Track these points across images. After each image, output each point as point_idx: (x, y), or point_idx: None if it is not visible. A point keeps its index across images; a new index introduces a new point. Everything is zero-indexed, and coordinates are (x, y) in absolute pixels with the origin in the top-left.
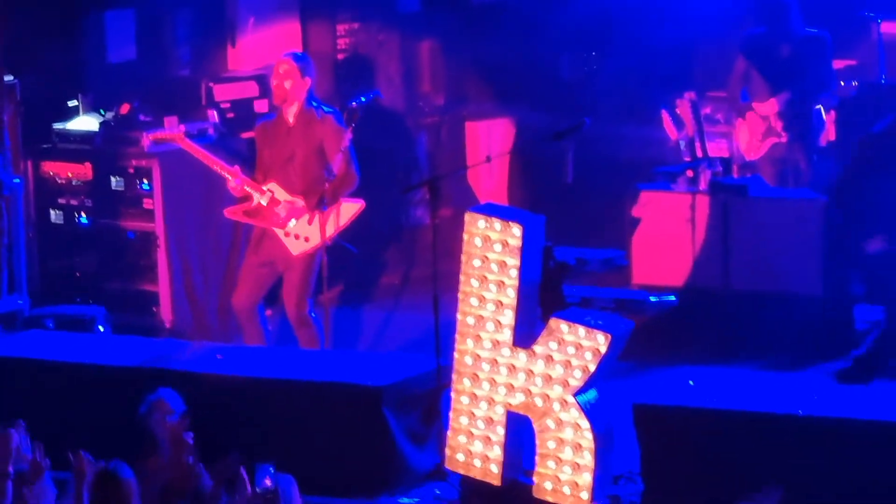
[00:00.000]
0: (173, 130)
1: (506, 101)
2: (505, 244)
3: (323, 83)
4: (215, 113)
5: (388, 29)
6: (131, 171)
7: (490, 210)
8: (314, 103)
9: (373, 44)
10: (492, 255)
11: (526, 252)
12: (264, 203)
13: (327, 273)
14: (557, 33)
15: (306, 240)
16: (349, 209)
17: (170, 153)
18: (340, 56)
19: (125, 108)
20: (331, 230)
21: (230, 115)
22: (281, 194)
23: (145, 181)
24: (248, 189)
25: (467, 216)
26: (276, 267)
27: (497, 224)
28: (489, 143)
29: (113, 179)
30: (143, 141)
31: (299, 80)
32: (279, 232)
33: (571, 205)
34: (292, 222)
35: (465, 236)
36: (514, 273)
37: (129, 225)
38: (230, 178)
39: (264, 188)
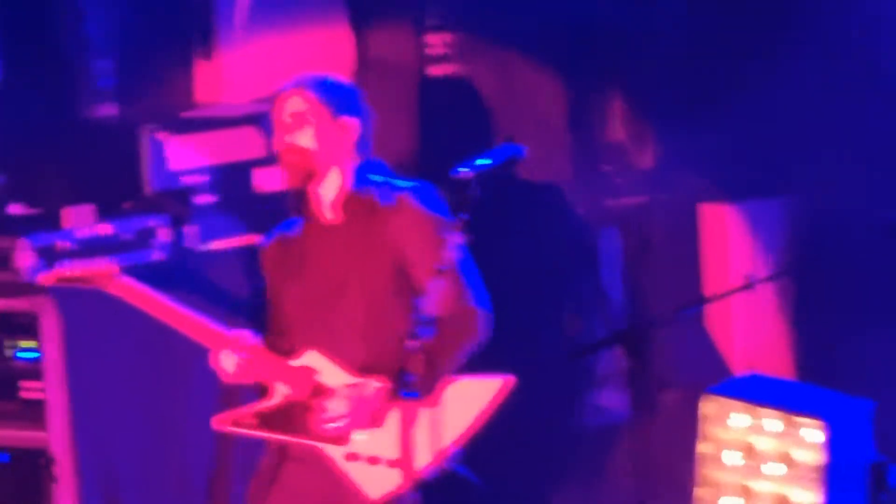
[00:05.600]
0: (85, 259)
1: (785, 163)
2: (787, 461)
3: (398, 132)
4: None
5: (529, 31)
6: None
7: (754, 389)
8: (375, 178)
9: (502, 52)
10: (760, 483)
11: (833, 477)
12: (298, 397)
13: None
14: None
15: (391, 465)
16: (478, 394)
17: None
18: (433, 73)
19: None
20: (440, 443)
21: (201, 197)
22: (331, 374)
23: (26, 343)
24: (258, 368)
25: (703, 403)
26: None
27: (769, 420)
28: (751, 248)
29: None
30: (18, 261)
31: (328, 126)
32: (334, 454)
33: None
34: (359, 433)
35: (703, 447)
36: None
37: None
38: (220, 347)
39: (293, 363)
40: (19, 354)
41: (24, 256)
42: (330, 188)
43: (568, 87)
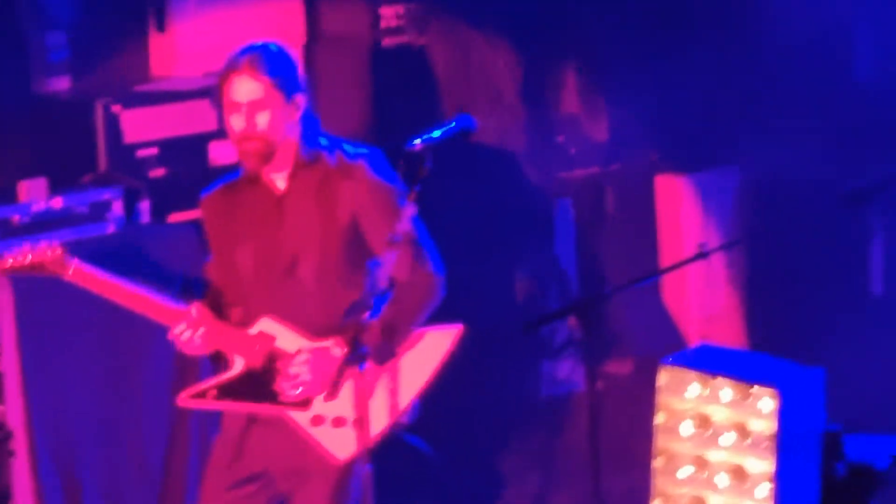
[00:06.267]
0: (35, 245)
1: (738, 134)
2: (741, 430)
3: (351, 104)
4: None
5: (482, 2)
6: None
7: (706, 360)
8: (322, 142)
9: (456, 25)
10: (716, 453)
11: (784, 444)
12: (257, 364)
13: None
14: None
15: (355, 426)
16: (431, 346)
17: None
18: (386, 44)
19: None
20: (407, 395)
21: (156, 170)
22: (287, 340)
23: None
24: (216, 340)
25: (662, 373)
26: (273, 485)
27: (726, 391)
28: (705, 219)
29: None
30: None
31: (283, 109)
32: (299, 419)
33: (878, 339)
34: (320, 396)
35: (660, 416)
36: (764, 488)
37: None
38: (176, 322)
39: (250, 332)
40: None
41: None
42: (281, 158)
43: (522, 58)
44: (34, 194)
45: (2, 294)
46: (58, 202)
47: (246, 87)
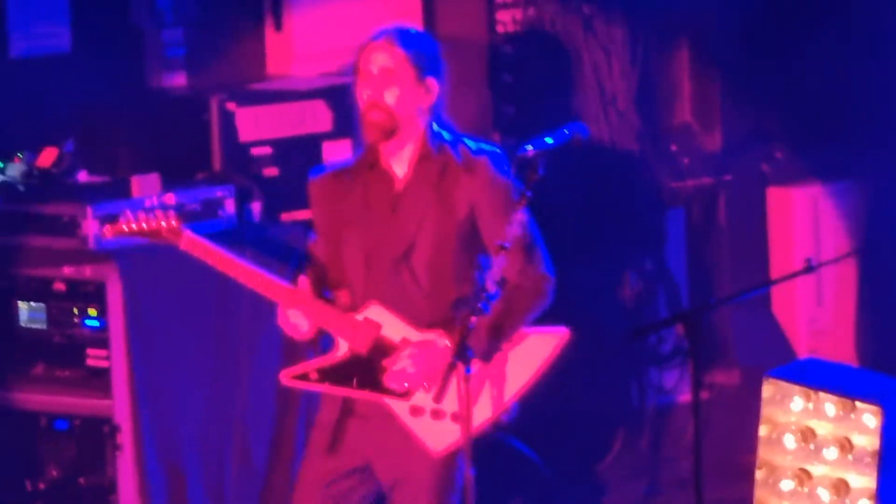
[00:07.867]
0: (151, 212)
1: (851, 148)
2: (844, 445)
3: (466, 107)
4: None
5: (605, 8)
6: (61, 289)
7: (811, 373)
8: (446, 136)
9: (572, 31)
10: (818, 467)
11: (888, 460)
12: (362, 350)
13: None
14: None
15: (454, 419)
16: (537, 348)
17: (141, 251)
18: (503, 48)
19: (49, 156)
20: (507, 394)
21: (269, 169)
22: (394, 329)
23: (91, 311)
24: (323, 322)
25: (766, 386)
26: (373, 479)
27: (830, 405)
28: (815, 230)
29: (22, 308)
30: (84, 228)
31: (414, 87)
32: (398, 408)
33: None
34: (421, 388)
35: (763, 428)
36: None
37: (58, 403)
38: (288, 301)
39: (357, 317)
40: (87, 322)
41: (90, 224)
42: (405, 145)
43: (637, 66)
44: (147, 190)
45: (111, 290)
46: (170, 198)
47: (380, 57)
